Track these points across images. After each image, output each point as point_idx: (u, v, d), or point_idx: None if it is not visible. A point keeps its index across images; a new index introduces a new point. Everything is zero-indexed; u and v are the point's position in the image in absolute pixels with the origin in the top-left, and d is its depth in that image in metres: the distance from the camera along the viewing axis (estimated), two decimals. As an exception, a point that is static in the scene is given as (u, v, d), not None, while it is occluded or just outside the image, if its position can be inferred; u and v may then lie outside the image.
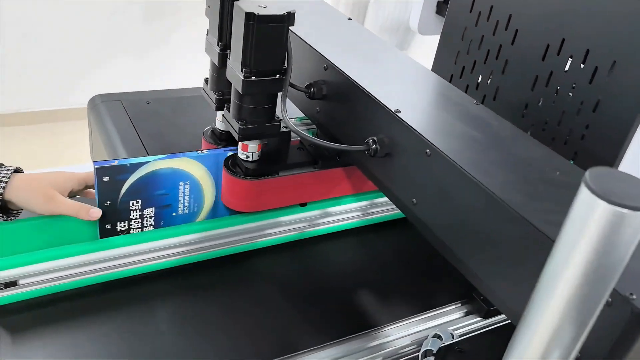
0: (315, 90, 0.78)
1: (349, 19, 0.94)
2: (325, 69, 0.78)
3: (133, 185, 0.75)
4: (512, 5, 0.82)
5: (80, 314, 0.74)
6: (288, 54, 0.71)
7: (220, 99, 0.80)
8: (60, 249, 0.73)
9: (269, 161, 0.80)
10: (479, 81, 0.90)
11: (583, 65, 0.73)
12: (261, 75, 0.70)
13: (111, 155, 1.06)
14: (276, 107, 0.75)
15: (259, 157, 0.79)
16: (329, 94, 0.78)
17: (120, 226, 0.78)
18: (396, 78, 0.80)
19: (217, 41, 0.76)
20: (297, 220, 0.88)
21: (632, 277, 0.42)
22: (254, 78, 0.69)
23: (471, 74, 0.91)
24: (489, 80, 0.87)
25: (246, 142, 0.77)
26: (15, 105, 2.49)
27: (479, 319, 0.83)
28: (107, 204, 0.75)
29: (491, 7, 0.85)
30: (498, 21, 0.84)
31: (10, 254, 0.71)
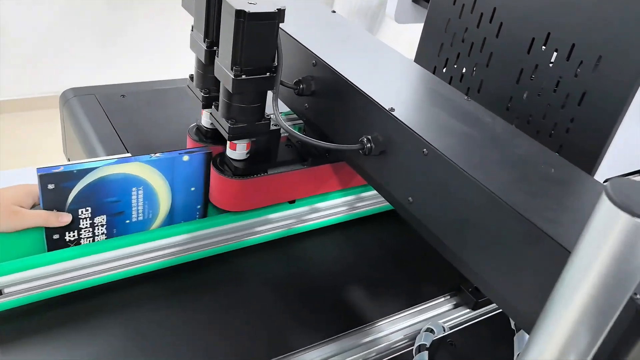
0: (305, 87, 0.77)
1: (333, 12, 0.93)
2: (314, 65, 0.77)
3: (82, 192, 0.70)
4: (497, -2, 0.82)
5: (67, 320, 0.72)
6: (278, 52, 0.69)
7: (207, 96, 0.78)
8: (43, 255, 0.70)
9: (258, 159, 0.79)
10: (463, 73, 0.90)
11: (568, 60, 0.74)
12: (252, 74, 0.68)
13: (88, 153, 1.03)
14: (265, 105, 0.74)
15: (247, 156, 0.78)
16: (318, 90, 0.77)
17: (69, 236, 0.73)
18: (386, 74, 0.79)
19: (204, 38, 0.74)
20: (285, 217, 0.87)
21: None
22: (244, 77, 0.68)
23: (455, 66, 0.91)
24: (473, 73, 0.87)
25: (235, 141, 0.75)
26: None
27: (467, 310, 0.84)
28: None
29: (475, 0, 0.85)
30: (482, 14, 0.84)
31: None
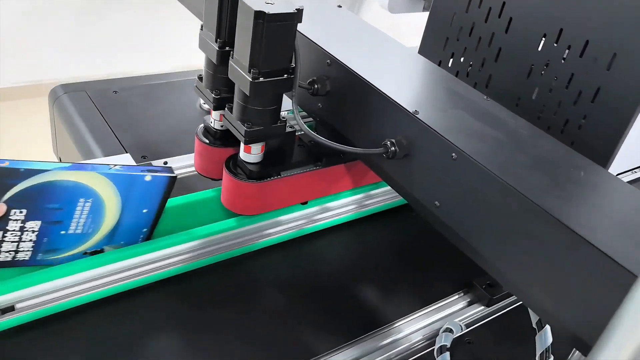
0: (320, 87, 0.75)
1: (339, 6, 0.91)
2: (329, 64, 0.75)
3: (23, 192, 0.64)
4: (505, -7, 0.80)
5: (78, 330, 0.70)
6: (296, 53, 0.67)
7: (219, 97, 0.76)
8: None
9: (272, 161, 0.77)
10: (469, 69, 0.89)
11: (581, 57, 0.74)
12: (269, 76, 0.66)
13: (84, 153, 0.99)
14: (281, 108, 0.72)
15: (261, 158, 0.76)
16: (333, 90, 0.76)
17: None
18: (402, 73, 0.78)
19: (215, 38, 0.71)
20: (297, 218, 0.85)
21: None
22: (262, 79, 0.66)
23: (461, 61, 0.90)
24: (481, 68, 0.86)
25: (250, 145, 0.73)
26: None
27: (482, 307, 0.84)
28: None
29: (483, -6, 0.84)
30: (490, 8, 0.83)
31: None
